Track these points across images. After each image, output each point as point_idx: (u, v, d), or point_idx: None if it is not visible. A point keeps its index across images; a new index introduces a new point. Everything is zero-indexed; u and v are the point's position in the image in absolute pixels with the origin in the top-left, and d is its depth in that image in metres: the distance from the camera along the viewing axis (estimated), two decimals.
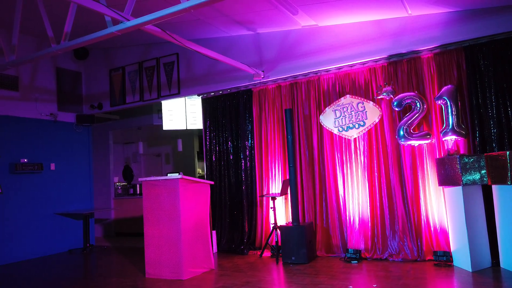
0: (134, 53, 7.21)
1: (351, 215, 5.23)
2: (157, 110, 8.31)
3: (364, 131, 5.26)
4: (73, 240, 7.21)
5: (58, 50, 4.45)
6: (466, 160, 4.26)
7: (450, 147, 4.64)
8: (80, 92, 7.76)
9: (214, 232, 6.02)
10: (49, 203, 6.91)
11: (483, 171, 4.24)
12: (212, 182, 5.23)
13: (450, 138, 4.61)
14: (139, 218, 7.46)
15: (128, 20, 3.87)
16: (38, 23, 5.15)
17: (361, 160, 5.25)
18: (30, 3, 4.86)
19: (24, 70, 6.78)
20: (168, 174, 7.61)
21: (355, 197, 5.24)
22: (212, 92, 6.53)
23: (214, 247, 5.86)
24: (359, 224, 5.15)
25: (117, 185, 8.95)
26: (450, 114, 4.59)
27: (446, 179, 4.43)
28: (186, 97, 7.34)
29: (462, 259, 4.29)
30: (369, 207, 5.13)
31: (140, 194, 8.71)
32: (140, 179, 5.05)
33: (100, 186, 8.61)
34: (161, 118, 7.81)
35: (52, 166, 7.02)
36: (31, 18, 5.35)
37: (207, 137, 6.57)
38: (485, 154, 4.29)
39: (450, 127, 4.58)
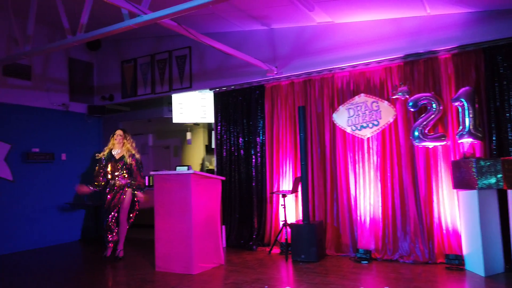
0: (146, 45, 7.18)
1: (362, 214, 5.21)
2: (168, 102, 8.29)
3: (377, 131, 5.22)
4: (83, 230, 7.25)
5: (74, 42, 4.43)
6: (482, 163, 4.20)
7: (466, 150, 4.59)
8: (92, 83, 7.76)
9: (223, 227, 6.03)
10: (60, 192, 6.96)
11: (499, 175, 4.18)
12: (224, 178, 5.23)
13: (466, 141, 4.56)
14: (148, 210, 7.48)
15: (145, 13, 3.84)
16: (52, 13, 5.13)
17: (374, 160, 5.21)
18: None
19: (37, 59, 6.78)
20: (177, 168, 7.62)
21: (367, 196, 5.21)
22: (224, 87, 6.49)
23: (223, 242, 5.87)
24: (370, 224, 5.13)
25: None
26: (467, 116, 4.53)
27: (461, 182, 4.38)
28: (197, 91, 7.32)
29: (474, 263, 4.25)
30: (380, 207, 5.10)
31: (149, 186, 8.73)
32: (151, 173, 5.06)
33: None
34: (171, 110, 7.79)
35: (63, 156, 7.05)
36: (45, 8, 5.32)
37: (218, 132, 6.55)
38: (501, 158, 4.23)
39: (466, 130, 4.53)
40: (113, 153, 5.58)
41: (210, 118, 7.29)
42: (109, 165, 5.52)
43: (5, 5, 5.06)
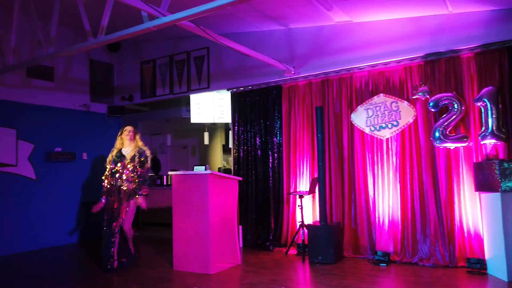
0: (165, 46, 7.26)
1: (380, 216, 5.14)
2: (186, 103, 8.39)
3: (397, 131, 5.14)
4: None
5: (95, 44, 4.51)
6: (506, 165, 4.09)
7: (488, 151, 4.47)
8: (112, 84, 7.89)
9: (240, 227, 6.05)
10: (81, 191, 7.10)
11: None
12: (241, 178, 5.24)
13: (489, 142, 4.44)
14: (166, 209, 7.57)
15: (165, 15, 3.88)
16: (74, 16, 5.24)
17: (393, 161, 5.13)
18: None
19: (59, 61, 6.94)
20: (195, 167, 7.68)
21: (386, 198, 5.14)
22: (241, 87, 6.51)
23: (240, 242, 5.88)
24: (388, 226, 5.06)
25: None
26: (490, 116, 4.41)
27: (483, 184, 4.28)
28: (215, 91, 7.37)
29: (497, 267, 4.14)
30: (399, 209, 5.02)
31: (167, 185, 8.85)
32: (170, 173, 5.12)
33: None
34: (189, 111, 7.87)
35: (84, 156, 7.21)
36: (67, 11, 5.44)
37: (235, 132, 6.57)
38: None
39: (489, 131, 4.41)
40: (123, 152, 4.91)
41: (227, 118, 7.33)
42: (119, 165, 4.82)
43: (29, 9, 5.19)
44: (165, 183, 8.97)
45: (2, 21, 5.81)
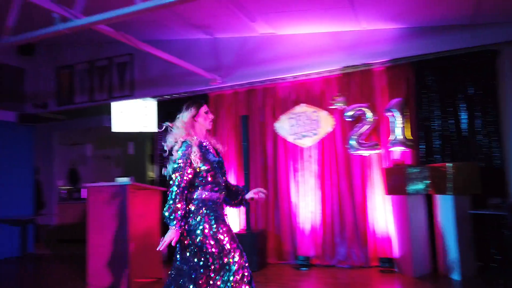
0: (85, 51, 6.85)
1: (302, 222, 5.30)
2: (108, 111, 7.97)
3: (317, 140, 5.36)
4: (10, 248, 6.69)
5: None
6: (412, 170, 4.46)
7: (397, 157, 4.84)
8: (22, 90, 7.24)
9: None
10: None
11: (426, 181, 4.46)
12: (164, 188, 5.07)
13: (398, 149, 4.82)
14: (84, 224, 7.08)
15: (78, 18, 3.66)
16: None
17: (314, 168, 5.34)
18: None
19: None
20: (117, 179, 7.30)
21: (307, 204, 5.32)
22: (167, 95, 6.36)
23: (163, 255, 5.67)
24: (310, 231, 5.23)
25: (61, 188, 8.48)
26: (398, 126, 4.80)
27: (393, 188, 4.61)
28: (139, 99, 7.11)
29: (405, 265, 4.47)
30: (320, 214, 5.23)
31: (86, 199, 8.31)
32: (84, 185, 4.81)
33: (42, 189, 8.10)
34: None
35: None
36: None
37: (159, 142, 6.39)
38: (429, 165, 4.52)
39: (397, 138, 4.79)
40: (204, 144, 2.66)
41: (153, 127, 7.09)
42: (215, 169, 2.60)
43: None
44: (83, 197, 8.41)
45: None
